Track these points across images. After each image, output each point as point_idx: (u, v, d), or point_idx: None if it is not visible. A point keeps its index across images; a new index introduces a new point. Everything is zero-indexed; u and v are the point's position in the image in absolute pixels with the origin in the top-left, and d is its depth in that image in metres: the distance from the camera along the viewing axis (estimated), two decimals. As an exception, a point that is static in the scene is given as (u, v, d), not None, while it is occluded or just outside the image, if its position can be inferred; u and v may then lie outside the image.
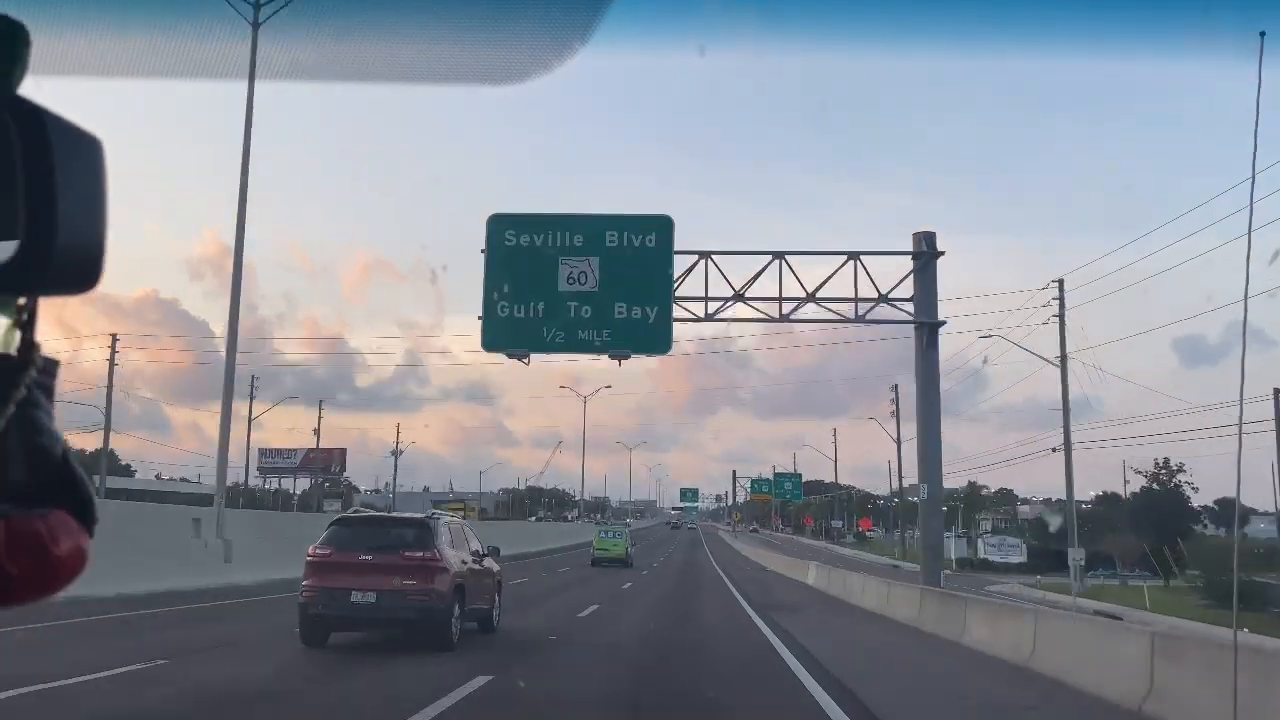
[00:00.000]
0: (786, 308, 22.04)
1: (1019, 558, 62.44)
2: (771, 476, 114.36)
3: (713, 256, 21.90)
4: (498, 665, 11.36)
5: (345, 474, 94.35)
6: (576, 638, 15.62)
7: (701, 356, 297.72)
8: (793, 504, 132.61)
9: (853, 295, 21.80)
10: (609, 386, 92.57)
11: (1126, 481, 62.75)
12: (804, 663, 12.95)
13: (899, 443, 68.56)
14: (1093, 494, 73.13)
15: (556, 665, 12.62)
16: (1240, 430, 6.58)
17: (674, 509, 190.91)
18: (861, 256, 21.81)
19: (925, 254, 21.73)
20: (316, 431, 79.91)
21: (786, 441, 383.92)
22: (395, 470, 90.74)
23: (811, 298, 21.97)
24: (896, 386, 68.04)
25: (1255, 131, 4.14)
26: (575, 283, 20.75)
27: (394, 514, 16.42)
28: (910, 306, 22.01)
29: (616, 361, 21.58)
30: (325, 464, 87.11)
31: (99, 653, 11.16)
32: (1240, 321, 5.62)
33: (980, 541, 69.85)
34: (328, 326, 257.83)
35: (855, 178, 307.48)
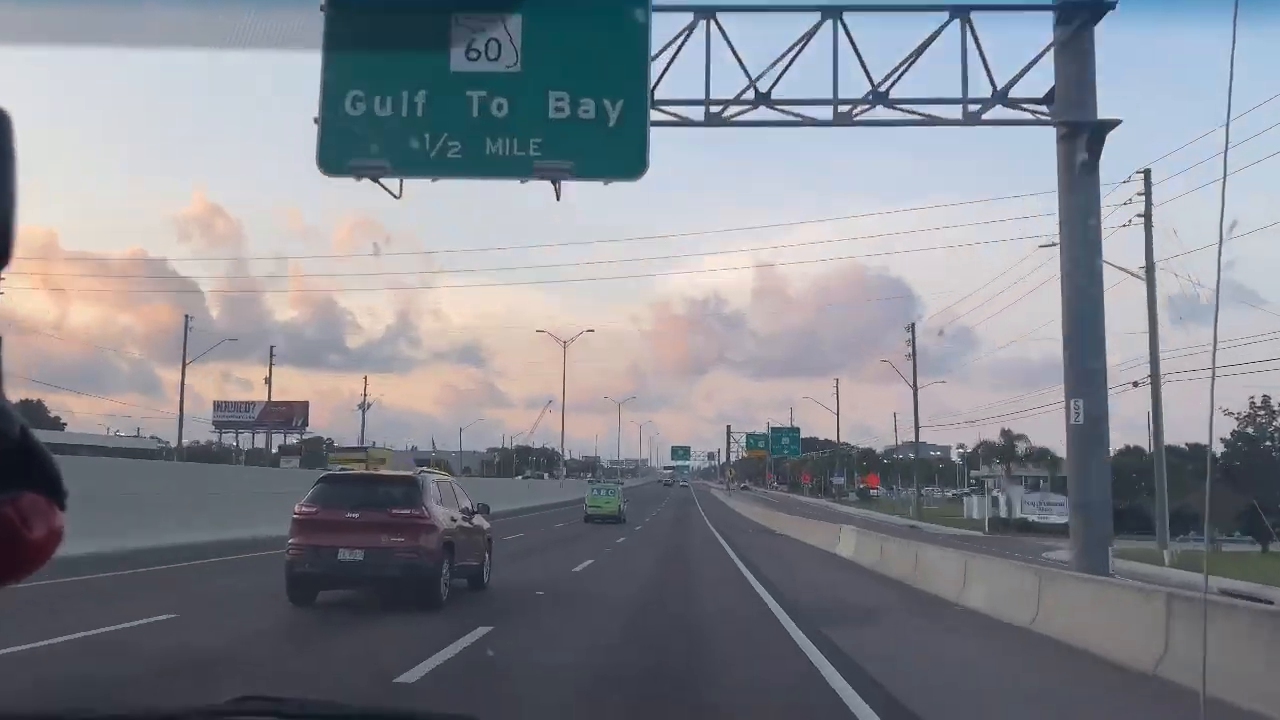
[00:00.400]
0: (842, 110, 13.11)
1: (1063, 517, 52.45)
2: (767, 432, 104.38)
3: (718, 15, 12.85)
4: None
5: (308, 428, 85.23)
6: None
7: (693, 317, 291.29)
8: (788, 460, 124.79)
9: (958, 87, 12.93)
10: (591, 330, 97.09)
11: (1233, 414, 48.45)
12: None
13: (915, 388, 62.13)
14: (1182, 443, 64.35)
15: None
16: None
17: (665, 468, 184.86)
18: (973, 13, 12.74)
19: (1081, 4, 12.62)
20: (268, 381, 71.39)
21: (780, 403, 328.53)
22: (363, 424, 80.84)
23: (880, 95, 12.97)
24: (913, 325, 63.86)
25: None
26: (481, 58, 12.03)
27: (381, 471, 15.92)
28: (1043, 107, 13.02)
29: (554, 192, 12.71)
30: (285, 418, 79.46)
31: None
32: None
33: (1016, 499, 58.96)
34: (317, 287, 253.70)
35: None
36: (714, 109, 13.37)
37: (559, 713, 7.51)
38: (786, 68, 13.39)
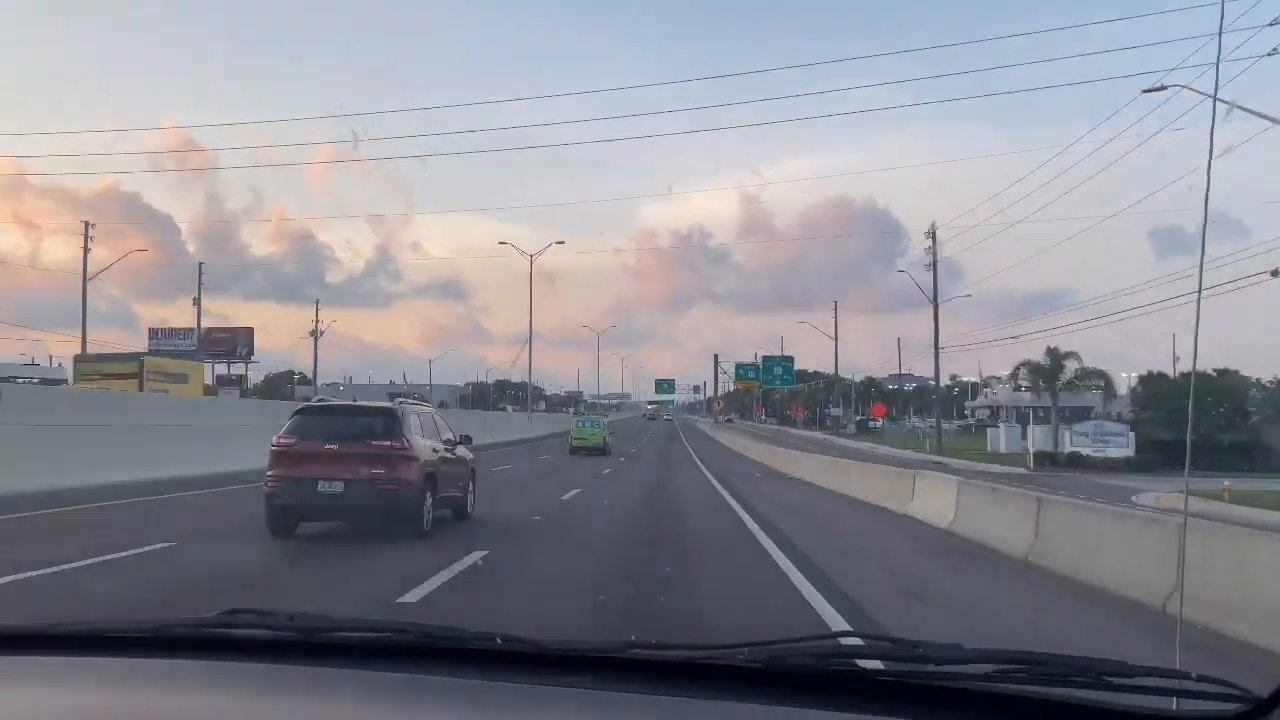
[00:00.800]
0: None
1: (1122, 450, 47.01)
2: (757, 361, 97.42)
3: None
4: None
5: (254, 357, 78.01)
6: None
7: (678, 251, 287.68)
8: (778, 392, 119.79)
9: None
10: (561, 242, 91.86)
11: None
12: None
13: (936, 302, 56.39)
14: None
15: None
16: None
17: (649, 403, 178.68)
18: None
19: None
20: (197, 302, 64.90)
21: (765, 337, 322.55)
22: (315, 352, 76.94)
23: None
24: (934, 224, 57.92)
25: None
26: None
27: (360, 403, 14.92)
28: None
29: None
30: (229, 346, 73.65)
31: None
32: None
33: (1065, 430, 52.78)
34: (295, 221, 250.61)
35: None
36: None
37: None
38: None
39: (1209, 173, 2.50)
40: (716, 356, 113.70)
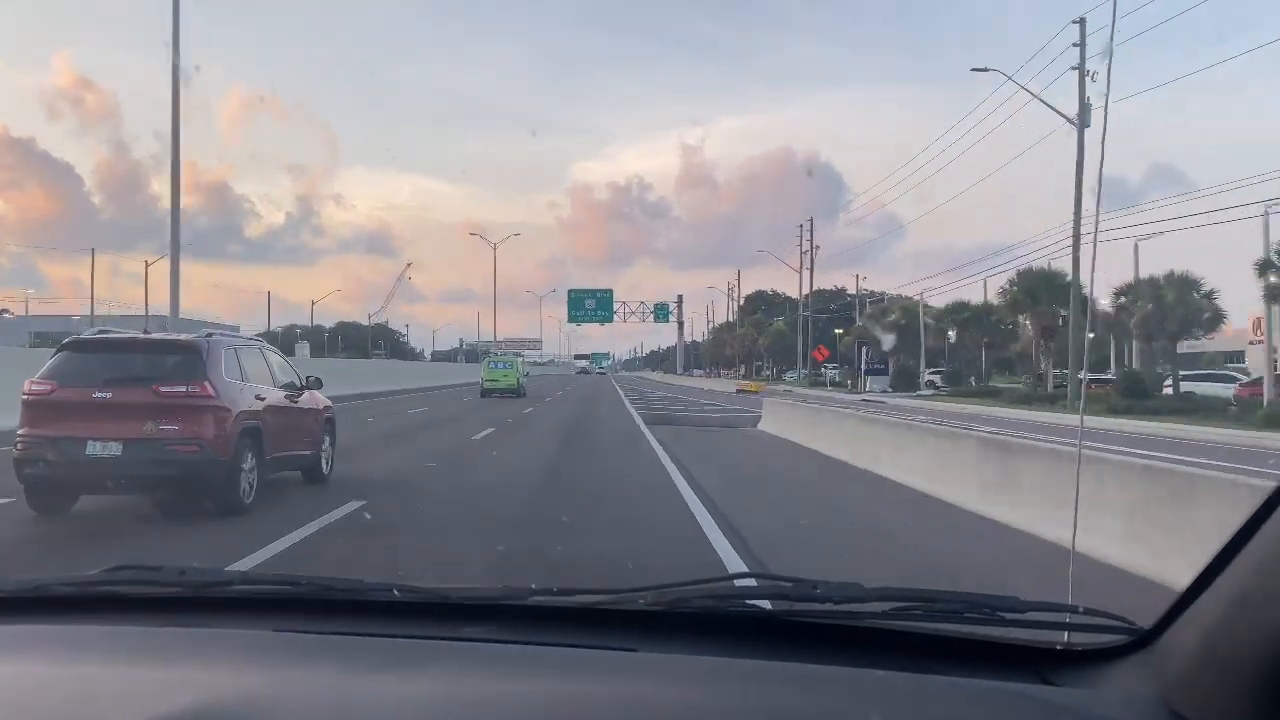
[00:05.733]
0: None
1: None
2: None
3: None
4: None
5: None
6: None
7: (618, 205, 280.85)
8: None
9: None
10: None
11: None
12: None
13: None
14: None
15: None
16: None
17: (578, 356, 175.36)
18: None
19: None
20: None
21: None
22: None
23: None
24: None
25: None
26: None
27: (147, 335, 11.21)
28: None
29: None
30: None
31: None
32: None
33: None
34: (208, 170, 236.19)
35: None
36: None
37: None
38: None
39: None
40: (680, 298, 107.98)
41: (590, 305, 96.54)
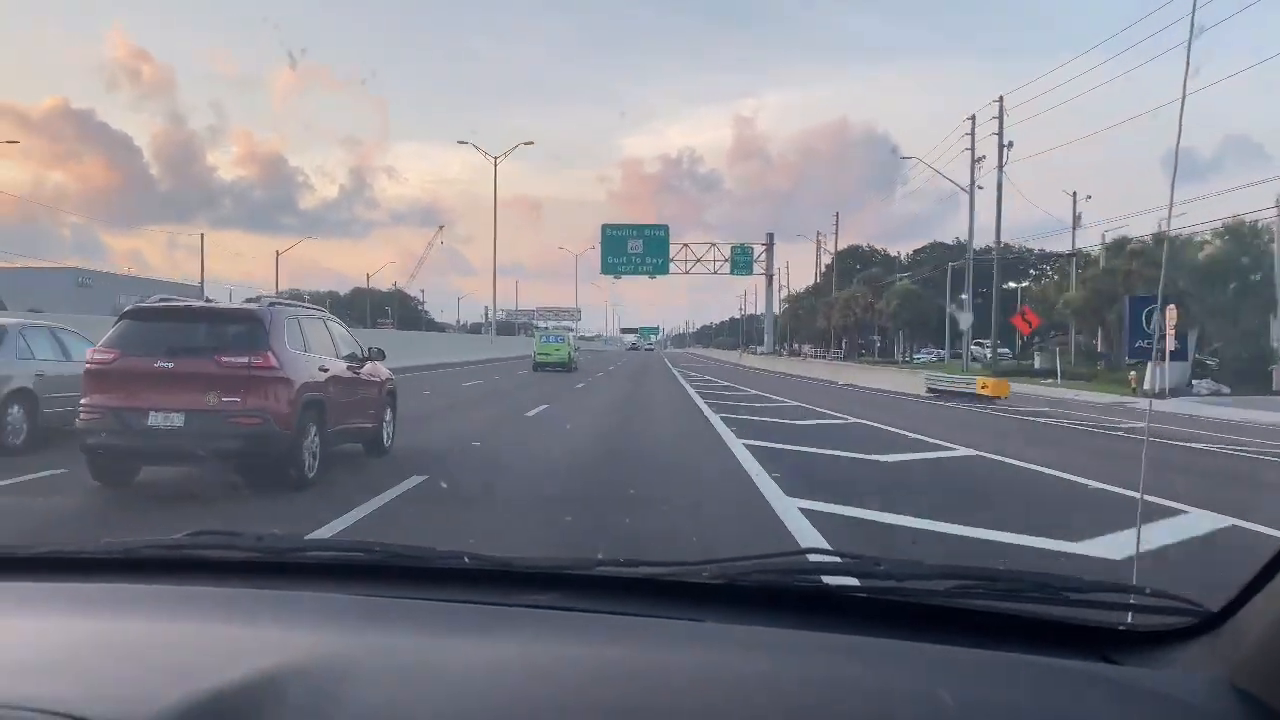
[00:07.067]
0: None
1: None
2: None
3: None
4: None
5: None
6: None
7: (668, 178, 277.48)
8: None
9: None
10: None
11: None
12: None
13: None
14: None
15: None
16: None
17: (625, 330, 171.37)
18: None
19: None
20: None
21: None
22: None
23: None
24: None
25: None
26: None
27: (210, 304, 10.85)
28: None
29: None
30: None
31: None
32: None
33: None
34: (263, 143, 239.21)
35: None
36: None
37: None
38: None
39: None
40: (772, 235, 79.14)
41: (635, 248, 69.80)
